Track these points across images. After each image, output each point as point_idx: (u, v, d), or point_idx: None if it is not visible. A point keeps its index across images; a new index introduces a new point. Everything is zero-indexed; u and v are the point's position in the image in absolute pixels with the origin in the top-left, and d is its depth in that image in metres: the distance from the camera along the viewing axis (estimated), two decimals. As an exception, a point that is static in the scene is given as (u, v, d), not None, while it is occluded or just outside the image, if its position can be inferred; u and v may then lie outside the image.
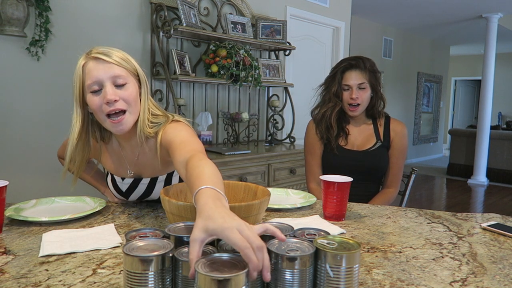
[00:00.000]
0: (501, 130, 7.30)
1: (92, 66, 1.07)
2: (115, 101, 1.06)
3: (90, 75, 1.06)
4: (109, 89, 1.05)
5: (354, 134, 1.74)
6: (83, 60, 1.09)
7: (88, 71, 1.07)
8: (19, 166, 2.32)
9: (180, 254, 0.62)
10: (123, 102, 1.08)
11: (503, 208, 4.89)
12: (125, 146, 1.22)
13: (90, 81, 1.06)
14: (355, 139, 1.73)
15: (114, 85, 1.07)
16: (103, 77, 1.06)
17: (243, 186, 1.10)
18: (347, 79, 1.68)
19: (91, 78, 1.06)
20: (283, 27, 3.32)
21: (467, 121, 11.07)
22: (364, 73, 1.67)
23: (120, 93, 1.07)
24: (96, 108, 1.08)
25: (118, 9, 2.64)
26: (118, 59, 1.09)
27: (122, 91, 1.08)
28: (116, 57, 1.09)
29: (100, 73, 1.06)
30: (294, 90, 3.58)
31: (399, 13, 6.18)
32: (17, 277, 0.74)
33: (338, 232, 1.05)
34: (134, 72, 1.13)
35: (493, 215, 1.24)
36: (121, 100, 1.07)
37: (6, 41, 2.22)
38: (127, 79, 1.09)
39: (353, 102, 1.66)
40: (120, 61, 1.09)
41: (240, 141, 3.28)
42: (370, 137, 1.73)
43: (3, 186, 0.99)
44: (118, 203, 1.33)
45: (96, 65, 1.06)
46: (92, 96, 1.07)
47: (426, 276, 0.78)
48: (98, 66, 1.06)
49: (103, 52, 1.08)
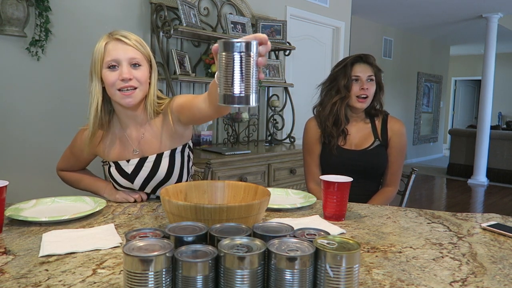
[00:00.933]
0: (501, 130, 7.29)
1: (113, 46, 1.21)
2: (130, 79, 1.21)
3: (110, 53, 1.21)
4: (125, 68, 1.20)
5: (352, 133, 1.73)
6: (105, 39, 1.23)
7: (108, 49, 1.21)
8: (19, 166, 2.32)
9: (180, 254, 0.62)
10: (136, 80, 1.22)
11: (503, 208, 4.89)
12: (130, 126, 1.33)
13: (109, 59, 1.20)
14: (353, 138, 1.73)
15: (130, 65, 1.22)
16: (121, 57, 1.21)
17: (243, 186, 1.10)
18: (356, 71, 1.68)
19: (110, 56, 1.21)
20: (283, 27, 3.32)
21: (467, 121, 11.06)
22: (372, 67, 1.70)
23: (134, 73, 1.22)
24: (110, 83, 1.21)
25: (118, 9, 2.64)
26: (136, 43, 1.24)
27: (136, 71, 1.23)
28: (135, 41, 1.24)
29: (119, 53, 1.21)
30: (294, 90, 3.58)
31: (399, 13, 6.18)
32: (17, 277, 0.74)
33: (338, 232, 1.05)
34: (147, 57, 1.27)
35: (493, 215, 1.24)
36: (134, 79, 1.22)
37: (6, 41, 2.22)
38: (142, 61, 1.24)
39: (362, 93, 1.66)
40: (138, 45, 1.24)
41: (240, 141, 3.28)
42: (368, 136, 1.72)
43: (3, 186, 0.99)
44: (119, 201, 1.33)
45: (116, 45, 1.21)
46: (108, 71, 1.21)
47: (426, 276, 0.78)
48: (118, 46, 1.21)
49: (124, 35, 1.23)
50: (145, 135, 1.32)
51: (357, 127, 1.75)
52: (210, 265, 0.60)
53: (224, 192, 1.12)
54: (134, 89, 1.22)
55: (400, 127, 1.74)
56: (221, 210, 0.84)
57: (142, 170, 1.31)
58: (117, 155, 1.34)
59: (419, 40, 7.99)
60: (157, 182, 1.33)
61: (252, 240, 0.66)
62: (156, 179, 1.33)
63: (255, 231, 0.73)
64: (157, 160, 1.32)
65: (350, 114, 1.74)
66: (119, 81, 1.20)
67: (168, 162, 1.32)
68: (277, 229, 0.75)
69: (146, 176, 1.32)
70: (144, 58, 1.25)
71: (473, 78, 10.66)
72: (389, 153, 1.73)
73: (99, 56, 1.21)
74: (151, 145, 1.32)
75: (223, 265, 0.60)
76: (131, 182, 1.33)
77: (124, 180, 1.32)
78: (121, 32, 1.24)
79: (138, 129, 1.33)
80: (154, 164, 1.31)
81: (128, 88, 1.21)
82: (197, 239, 0.70)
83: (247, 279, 0.60)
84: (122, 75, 1.19)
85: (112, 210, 1.22)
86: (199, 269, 0.60)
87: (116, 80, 1.20)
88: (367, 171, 1.69)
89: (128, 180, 1.32)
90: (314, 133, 1.76)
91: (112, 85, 1.21)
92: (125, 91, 1.21)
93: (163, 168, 1.32)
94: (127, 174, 1.32)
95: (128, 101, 1.22)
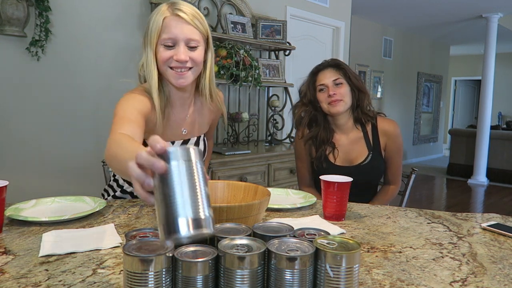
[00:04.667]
0: (501, 130, 7.29)
1: (172, 23, 1.14)
2: (186, 61, 1.16)
3: (168, 30, 1.14)
4: (182, 49, 1.15)
5: (344, 145, 1.66)
6: (165, 12, 1.15)
7: (167, 25, 1.14)
8: (19, 166, 2.32)
9: (180, 254, 0.62)
10: (192, 61, 1.17)
11: (503, 208, 4.90)
12: (176, 106, 1.29)
13: (167, 36, 1.14)
14: (346, 152, 1.65)
15: (187, 46, 1.16)
16: (179, 37, 1.14)
17: (243, 186, 1.10)
18: (320, 80, 1.63)
19: (168, 33, 1.14)
20: (283, 27, 3.32)
21: (467, 121, 11.06)
22: (336, 70, 1.63)
23: (191, 54, 1.17)
24: (163, 60, 1.16)
25: (118, 9, 2.64)
26: (196, 21, 1.17)
27: (192, 52, 1.17)
28: (196, 20, 1.17)
29: (177, 32, 1.14)
30: (294, 90, 3.55)
31: (399, 13, 6.18)
32: (17, 277, 0.74)
33: (338, 232, 1.05)
34: (205, 35, 1.21)
35: (493, 215, 1.24)
36: (190, 60, 1.17)
37: (6, 41, 2.22)
38: (199, 42, 1.18)
39: (331, 99, 1.59)
40: (198, 25, 1.17)
41: (240, 141, 3.28)
42: (361, 149, 1.65)
43: (3, 186, 0.99)
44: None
45: (176, 23, 1.14)
46: (164, 49, 1.16)
47: (426, 276, 0.78)
48: (177, 25, 1.14)
49: (185, 11, 1.15)
50: (189, 116, 1.32)
51: (349, 137, 1.67)
52: (210, 265, 0.60)
53: (224, 192, 1.12)
54: (188, 69, 1.18)
55: (393, 129, 1.66)
56: (221, 210, 0.84)
57: None
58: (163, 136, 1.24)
59: (419, 40, 7.99)
60: None
61: (252, 240, 0.66)
62: None
63: (255, 231, 0.73)
64: (196, 142, 1.37)
65: (336, 124, 1.67)
66: (174, 60, 1.15)
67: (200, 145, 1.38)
68: (277, 229, 0.75)
69: None
70: (202, 37, 1.19)
71: (473, 78, 10.66)
72: (386, 157, 1.68)
73: (156, 31, 1.14)
74: (194, 126, 1.35)
75: (223, 265, 0.60)
76: None
77: None
78: (182, 7, 1.16)
79: (184, 110, 1.31)
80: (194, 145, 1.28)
81: (182, 68, 1.17)
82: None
83: (247, 279, 0.60)
84: (179, 55, 1.14)
85: (112, 210, 1.22)
86: (199, 269, 0.60)
87: (169, 58, 1.16)
88: (361, 186, 1.59)
89: None
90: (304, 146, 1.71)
91: (165, 63, 1.17)
92: (179, 71, 1.17)
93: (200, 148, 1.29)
94: None
95: (181, 82, 1.18)
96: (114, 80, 2.61)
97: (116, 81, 2.59)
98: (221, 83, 2.94)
